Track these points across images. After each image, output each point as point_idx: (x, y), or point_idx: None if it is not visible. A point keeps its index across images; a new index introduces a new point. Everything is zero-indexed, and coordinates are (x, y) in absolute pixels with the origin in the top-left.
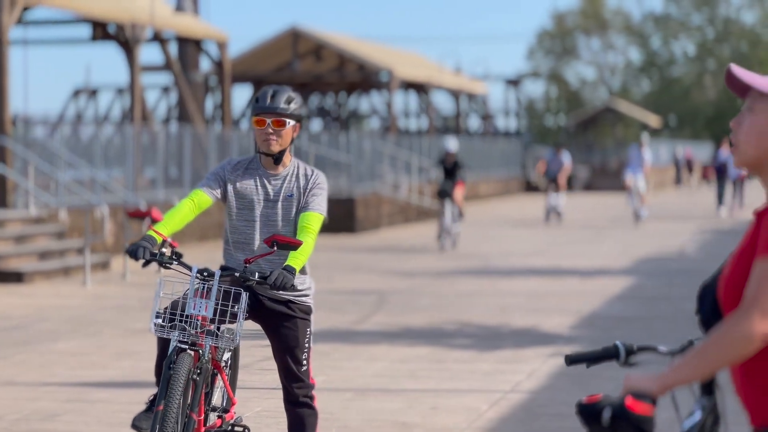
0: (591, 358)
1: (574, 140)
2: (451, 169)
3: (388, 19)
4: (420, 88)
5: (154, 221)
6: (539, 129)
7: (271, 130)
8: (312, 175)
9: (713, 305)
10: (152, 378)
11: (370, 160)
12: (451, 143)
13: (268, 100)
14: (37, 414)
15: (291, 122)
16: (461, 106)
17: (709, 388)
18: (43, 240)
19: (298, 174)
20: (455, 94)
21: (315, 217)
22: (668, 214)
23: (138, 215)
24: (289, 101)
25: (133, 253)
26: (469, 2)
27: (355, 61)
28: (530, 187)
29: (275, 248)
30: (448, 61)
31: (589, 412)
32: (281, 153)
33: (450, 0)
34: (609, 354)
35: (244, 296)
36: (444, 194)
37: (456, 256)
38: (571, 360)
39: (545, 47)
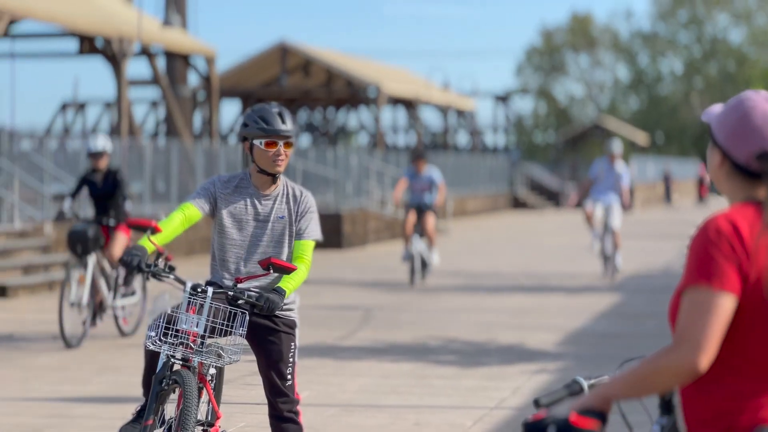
0: (560, 398)
1: (563, 157)
2: (103, 191)
3: (376, 34)
4: (408, 104)
5: (153, 232)
6: (528, 146)
7: (282, 153)
8: (301, 197)
9: None
10: (134, 393)
11: (357, 175)
12: (100, 140)
13: (281, 124)
14: (19, 429)
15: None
16: (449, 121)
17: (667, 407)
18: (28, 254)
19: (287, 194)
20: (443, 110)
21: (309, 245)
22: (656, 232)
23: (139, 225)
24: (293, 122)
25: (128, 263)
26: (457, 18)
27: (343, 76)
28: (518, 204)
29: (271, 271)
30: (436, 76)
31: (534, 429)
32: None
33: (438, 15)
34: (574, 391)
35: (246, 318)
36: (84, 248)
37: (441, 273)
38: (542, 404)
39: (534, 64)
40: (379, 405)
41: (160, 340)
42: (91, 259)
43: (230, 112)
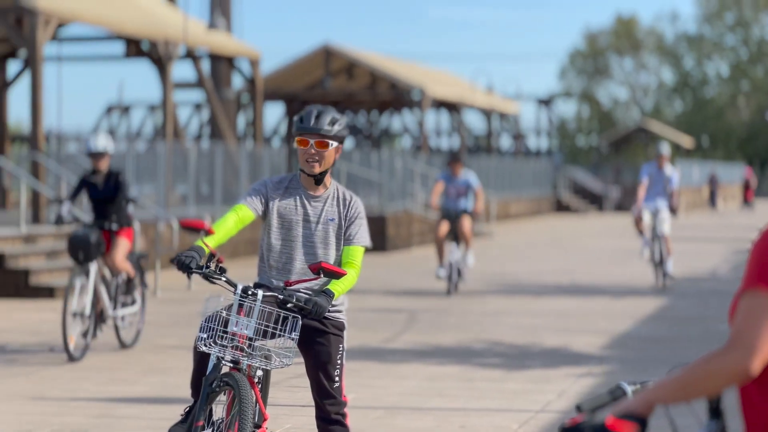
0: (602, 403)
1: (607, 160)
2: (103, 194)
3: (421, 37)
4: (452, 107)
5: (207, 233)
6: (571, 149)
7: (313, 151)
8: (351, 202)
9: None
10: (181, 394)
11: (401, 178)
12: (101, 140)
13: (312, 121)
14: (66, 429)
15: (334, 144)
16: (493, 125)
17: (716, 411)
18: None
19: (338, 198)
20: (487, 113)
21: (359, 251)
22: (702, 236)
23: (192, 226)
24: (332, 122)
25: (182, 263)
26: (501, 21)
27: (386, 79)
28: (561, 207)
29: (321, 275)
30: (479, 80)
31: None
32: (322, 174)
33: (482, 19)
34: (617, 396)
35: (299, 322)
36: (86, 255)
37: (485, 276)
38: (584, 409)
39: (577, 67)
40: (425, 408)
41: (215, 342)
42: (93, 267)
43: (274, 114)
